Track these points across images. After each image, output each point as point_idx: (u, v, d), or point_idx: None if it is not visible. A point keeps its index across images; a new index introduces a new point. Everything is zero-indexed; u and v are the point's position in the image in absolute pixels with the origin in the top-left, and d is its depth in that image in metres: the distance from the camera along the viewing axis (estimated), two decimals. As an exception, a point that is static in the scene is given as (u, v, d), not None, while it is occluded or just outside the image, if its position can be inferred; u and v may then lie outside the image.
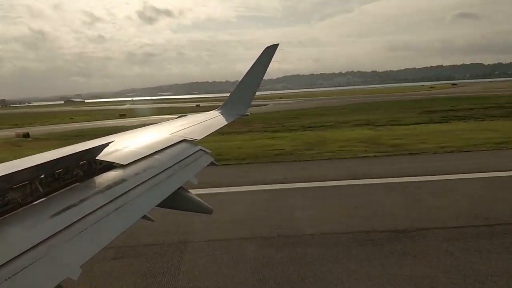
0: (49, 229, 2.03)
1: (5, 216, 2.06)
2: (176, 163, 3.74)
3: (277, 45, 7.75)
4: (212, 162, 4.48)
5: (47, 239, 1.95)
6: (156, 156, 3.67)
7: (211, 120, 6.54)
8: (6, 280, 1.60)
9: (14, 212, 2.13)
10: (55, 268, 1.82)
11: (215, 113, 7.40)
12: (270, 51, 7.71)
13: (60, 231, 2.05)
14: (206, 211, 3.78)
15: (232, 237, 9.03)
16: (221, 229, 9.39)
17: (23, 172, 2.18)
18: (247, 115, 7.60)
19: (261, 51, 7.69)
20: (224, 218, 9.84)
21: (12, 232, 1.93)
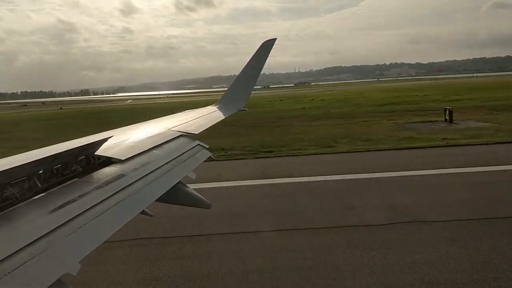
0: (48, 225, 2.03)
1: (3, 212, 2.06)
2: (175, 158, 3.74)
3: (274, 39, 7.71)
4: (210, 157, 4.49)
5: (46, 234, 1.95)
6: (154, 151, 3.67)
7: (209, 115, 6.54)
8: (5, 275, 1.61)
9: (13, 207, 2.13)
10: (54, 264, 1.82)
11: (212, 108, 7.39)
12: (267, 45, 7.68)
13: (59, 226, 2.05)
14: (205, 205, 3.79)
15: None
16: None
17: (21, 168, 2.17)
18: (245, 109, 7.58)
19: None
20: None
21: (11, 228, 1.93)
